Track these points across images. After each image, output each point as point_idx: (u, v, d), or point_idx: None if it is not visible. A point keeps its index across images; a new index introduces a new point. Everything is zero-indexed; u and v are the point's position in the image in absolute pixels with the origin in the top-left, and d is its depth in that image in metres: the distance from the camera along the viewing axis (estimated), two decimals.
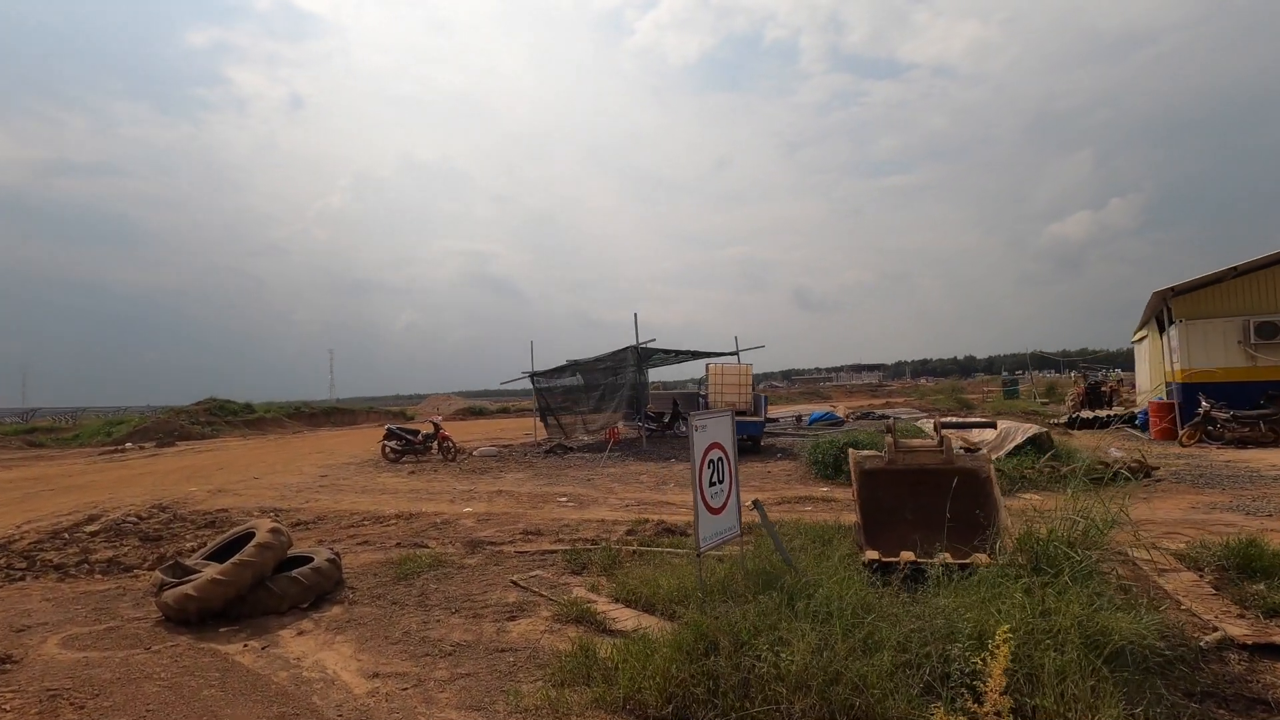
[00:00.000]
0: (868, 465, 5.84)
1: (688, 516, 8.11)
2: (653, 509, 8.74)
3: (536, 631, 4.55)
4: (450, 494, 10.63)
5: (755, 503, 4.99)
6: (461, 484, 11.79)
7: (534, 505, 9.30)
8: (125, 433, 29.40)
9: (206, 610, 4.94)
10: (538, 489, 10.84)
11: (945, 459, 5.67)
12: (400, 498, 10.43)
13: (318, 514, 9.20)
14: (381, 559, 6.56)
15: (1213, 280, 14.60)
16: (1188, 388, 14.63)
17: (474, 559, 6.44)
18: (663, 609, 4.64)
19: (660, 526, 7.18)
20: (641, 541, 6.64)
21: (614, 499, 9.65)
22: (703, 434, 4.73)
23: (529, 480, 11.98)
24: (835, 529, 6.54)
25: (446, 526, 8.03)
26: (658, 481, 11.18)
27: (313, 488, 11.95)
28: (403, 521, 8.42)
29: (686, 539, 6.67)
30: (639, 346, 15.56)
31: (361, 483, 12.42)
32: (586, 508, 9.03)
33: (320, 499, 10.61)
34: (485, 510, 9.03)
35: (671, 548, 6.34)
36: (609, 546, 6.37)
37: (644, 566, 5.83)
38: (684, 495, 9.78)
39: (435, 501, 9.91)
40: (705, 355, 17.95)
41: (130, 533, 8.30)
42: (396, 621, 4.86)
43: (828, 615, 3.63)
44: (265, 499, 10.80)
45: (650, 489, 10.48)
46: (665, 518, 7.91)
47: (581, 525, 7.78)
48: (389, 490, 11.33)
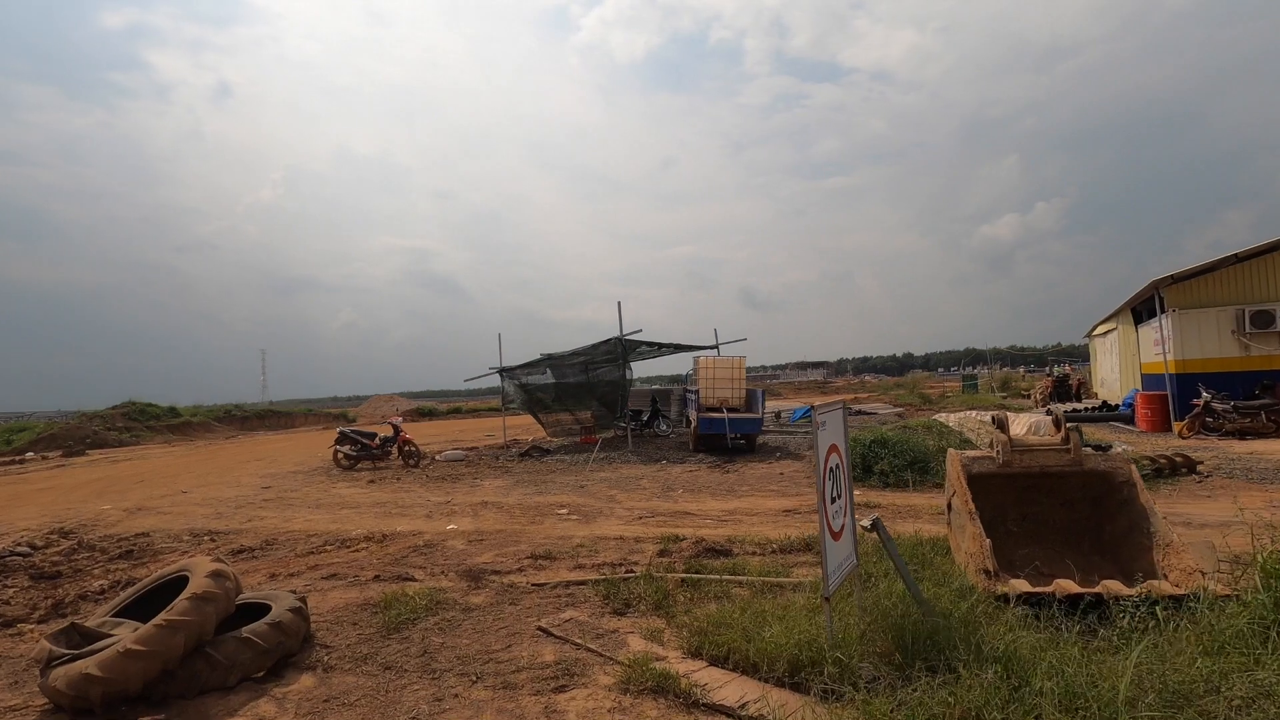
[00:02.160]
0: (977, 468, 4.80)
1: (721, 529, 6.94)
2: (672, 521, 7.54)
3: (602, 710, 3.28)
4: (424, 507, 9.13)
5: (875, 522, 3.85)
6: (434, 494, 10.28)
7: (530, 519, 7.95)
8: (27, 441, 26.12)
9: (118, 696, 3.46)
10: (527, 499, 9.46)
11: (1073, 459, 4.68)
12: (365, 513, 8.88)
13: (265, 537, 7.60)
14: (358, 599, 5.13)
15: (1206, 269, 14.43)
16: (1182, 378, 14.41)
17: (480, 596, 5.09)
18: (772, 671, 3.44)
19: (700, 545, 5.98)
20: (687, 567, 5.42)
21: (621, 509, 8.39)
22: (824, 432, 3.56)
23: (512, 488, 10.56)
24: (916, 544, 5.49)
25: (432, 550, 6.60)
26: (662, 487, 9.96)
27: (255, 502, 10.21)
28: (375, 545, 6.94)
29: (741, 560, 5.50)
30: (624, 338, 14.28)
31: (314, 495, 10.74)
32: (593, 521, 7.74)
33: (266, 516, 8.94)
34: (473, 527, 7.63)
35: (728, 573, 5.16)
36: (649, 574, 5.14)
37: (706, 601, 4.63)
38: (700, 502, 8.61)
39: (409, 517, 8.42)
40: (690, 348, 16.84)
41: (18, 568, 6.54)
42: (397, 699, 3.50)
43: (1067, 697, 2.52)
44: (196, 518, 9.05)
45: (657, 496, 9.27)
46: (695, 531, 6.72)
47: (598, 545, 6.50)
48: (349, 504, 9.73)
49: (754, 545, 6.08)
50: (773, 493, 9.05)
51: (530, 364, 16.27)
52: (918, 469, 8.76)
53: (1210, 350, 14.36)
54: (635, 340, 14.82)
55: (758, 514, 7.74)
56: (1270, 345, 13.82)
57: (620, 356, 14.83)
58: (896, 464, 8.81)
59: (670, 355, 18.36)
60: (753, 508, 8.12)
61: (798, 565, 5.45)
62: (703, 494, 9.26)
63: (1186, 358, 14.47)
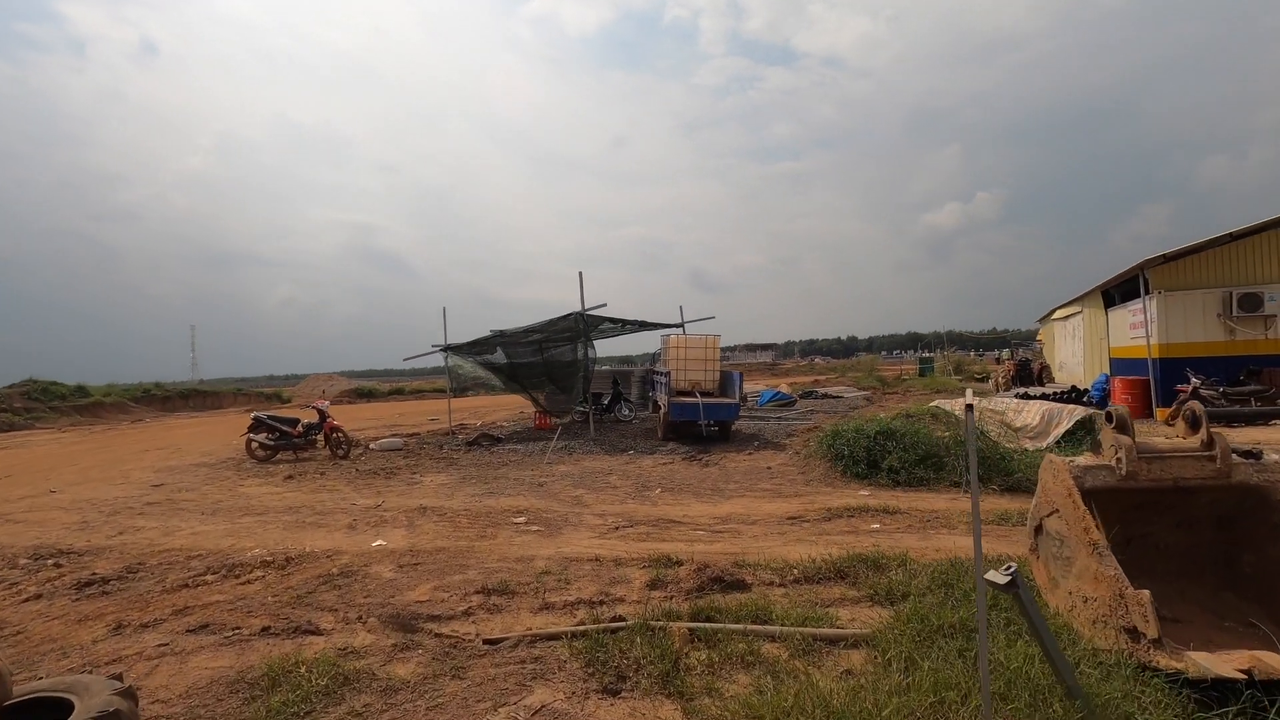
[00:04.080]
0: (1092, 481, 3.58)
1: (718, 545, 5.61)
2: (657, 533, 6.18)
3: None
4: (349, 513, 7.49)
5: (1014, 576, 2.54)
6: (363, 495, 8.62)
7: (480, 531, 6.44)
8: None
9: None
10: (475, 501, 7.93)
11: (1219, 470, 3.51)
12: (272, 522, 7.18)
13: (132, 559, 5.86)
14: (231, 671, 3.57)
15: (1194, 249, 13.90)
16: (1166, 363, 13.92)
17: (409, 664, 3.60)
18: None
19: (704, 574, 4.63)
20: (694, 609, 4.06)
21: (591, 516, 6.98)
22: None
23: (458, 487, 8.99)
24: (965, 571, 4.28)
25: (350, 581, 5.05)
26: (635, 485, 8.58)
27: (136, 506, 8.33)
28: (275, 572, 5.33)
29: (761, 596, 4.17)
30: (585, 313, 12.73)
31: (215, 496, 8.91)
32: (559, 533, 6.30)
33: (144, 528, 7.14)
34: (407, 543, 6.08)
35: (752, 619, 3.83)
36: (645, 623, 3.76)
37: (731, 668, 3.31)
38: (684, 506, 7.28)
39: (327, 529, 6.78)
40: (655, 326, 15.44)
41: None
42: None
43: None
44: (53, 529, 7.17)
45: (632, 497, 7.89)
46: (688, 548, 5.38)
47: (568, 570, 5.07)
48: (255, 508, 7.98)
49: (770, 571, 4.78)
50: (766, 493, 7.79)
51: (479, 341, 14.56)
52: (931, 465, 7.66)
53: (1195, 334, 13.89)
54: (597, 316, 13.30)
55: (757, 521, 6.46)
56: (1257, 329, 13.42)
57: (583, 333, 13.28)
58: (907, 459, 7.68)
59: (629, 334, 16.95)
60: (748, 513, 6.84)
61: (837, 603, 4.18)
62: (684, 494, 7.93)
63: (1171, 341, 13.97)
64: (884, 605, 4.06)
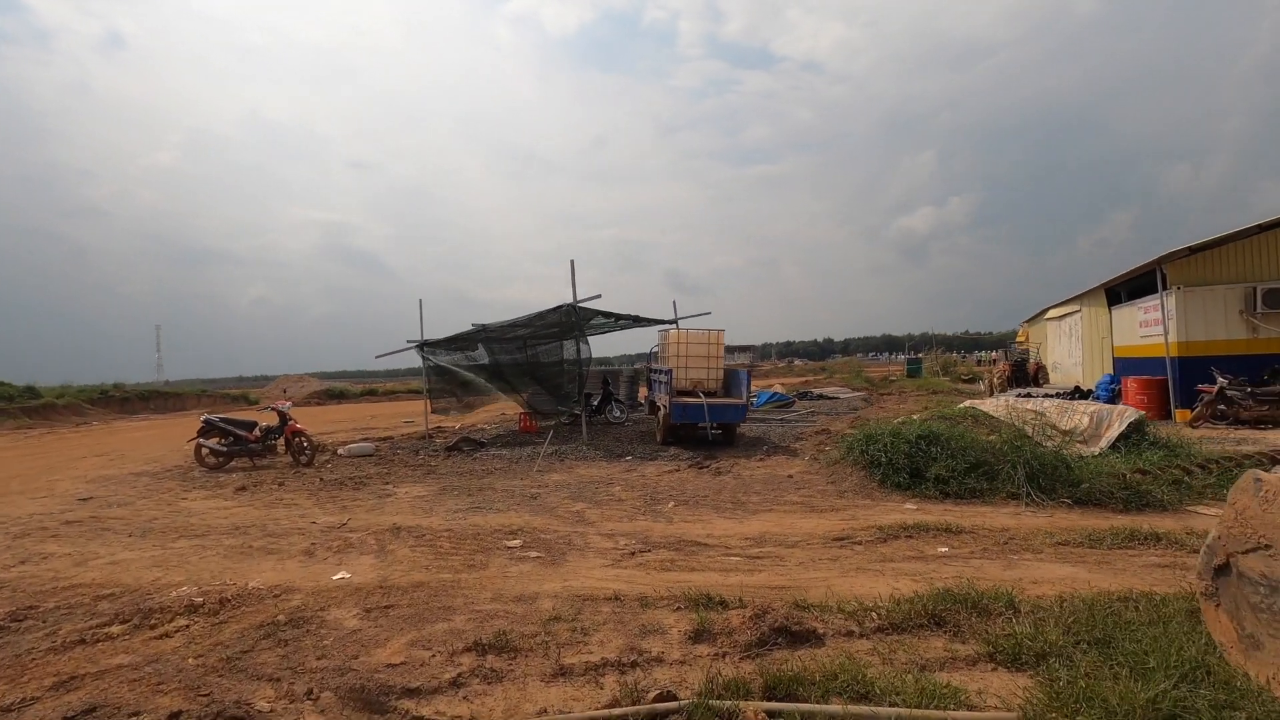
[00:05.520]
0: None
1: (761, 575, 4.58)
2: (682, 558, 5.13)
3: None
4: (307, 534, 6.31)
5: None
6: (326, 510, 7.43)
7: (466, 558, 5.32)
8: None
9: None
10: (458, 517, 6.80)
11: None
12: (213, 547, 5.98)
13: (24, 599, 4.64)
14: None
15: (1214, 244, 13.30)
16: (1185, 362, 13.29)
17: None
18: None
19: (760, 621, 3.59)
20: (764, 678, 3.02)
21: (598, 537, 5.90)
22: None
23: (437, 499, 7.84)
24: (1160, 611, 3.33)
25: (300, 633, 3.91)
26: (644, 498, 7.51)
27: (52, 526, 7.03)
28: (204, 619, 4.16)
29: (841, 652, 3.14)
30: (579, 305, 11.60)
31: (150, 513, 7.63)
32: (563, 560, 5.21)
33: (52, 554, 5.88)
34: (376, 576, 4.94)
35: (851, 697, 2.80)
36: (705, 705, 2.72)
37: None
38: (706, 523, 6.24)
39: (279, 556, 5.60)
40: (650, 322, 14.36)
41: None
42: None
43: None
44: None
45: (642, 512, 6.82)
46: (723, 580, 4.34)
47: (582, 614, 4.00)
48: (195, 528, 6.75)
49: (843, 616, 3.76)
50: (797, 506, 6.80)
51: (459, 337, 13.35)
52: (982, 474, 6.74)
53: (1216, 332, 13.28)
54: (589, 309, 12.19)
55: (798, 544, 5.45)
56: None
57: (576, 327, 12.14)
58: (956, 467, 6.75)
59: (612, 333, 15.87)
60: (784, 532, 5.83)
61: (946, 664, 3.17)
62: (702, 508, 6.90)
63: (1191, 339, 13.35)
64: (1014, 668, 3.07)
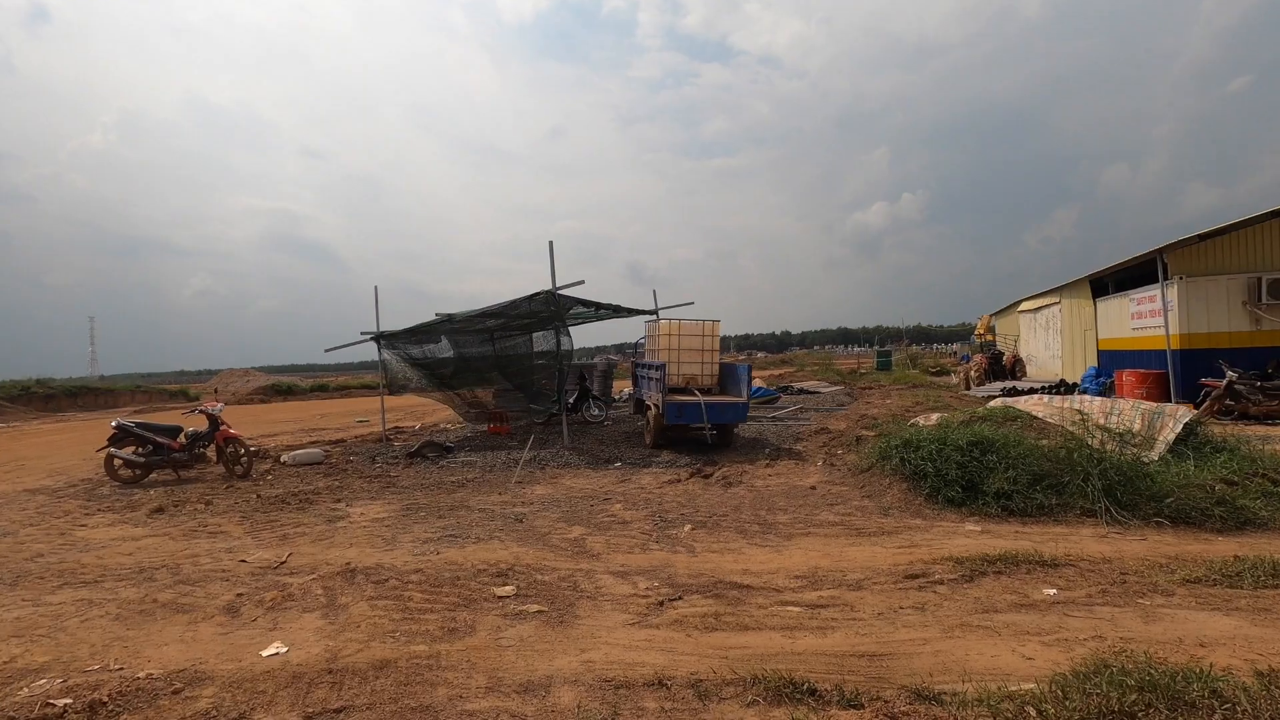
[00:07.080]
0: None
1: (844, 637, 3.46)
2: (728, 610, 3.99)
3: None
4: (232, 580, 4.94)
5: None
6: (261, 540, 6.03)
7: (445, 617, 4.07)
8: None
9: None
10: (430, 551, 5.51)
11: None
12: (103, 602, 4.56)
13: None
14: None
15: (1217, 232, 12.86)
16: (1186, 354, 12.85)
17: None
18: None
19: None
20: None
21: (608, 575, 4.72)
22: None
23: (401, 523, 6.51)
24: None
25: None
26: (653, 518, 6.33)
27: None
28: None
29: None
30: (559, 292, 10.30)
31: (35, 546, 6.10)
32: (573, 616, 4.01)
33: None
34: (323, 649, 3.65)
35: None
36: None
37: None
38: (738, 553, 5.11)
39: (191, 615, 4.23)
40: (631, 312, 13.17)
41: None
42: None
43: None
44: None
45: (654, 538, 5.66)
46: (790, 644, 3.22)
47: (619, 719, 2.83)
48: (87, 571, 5.29)
49: (988, 711, 2.70)
50: (837, 529, 5.74)
51: (420, 328, 11.90)
52: (1047, 486, 5.82)
53: (1219, 323, 12.87)
54: (569, 298, 10.93)
55: (863, 583, 4.38)
56: None
57: (557, 316, 10.86)
58: (1019, 480, 5.81)
59: (595, 322, 14.66)
60: (838, 566, 4.76)
61: None
62: (725, 531, 5.79)
63: (1193, 330, 12.91)
64: None
